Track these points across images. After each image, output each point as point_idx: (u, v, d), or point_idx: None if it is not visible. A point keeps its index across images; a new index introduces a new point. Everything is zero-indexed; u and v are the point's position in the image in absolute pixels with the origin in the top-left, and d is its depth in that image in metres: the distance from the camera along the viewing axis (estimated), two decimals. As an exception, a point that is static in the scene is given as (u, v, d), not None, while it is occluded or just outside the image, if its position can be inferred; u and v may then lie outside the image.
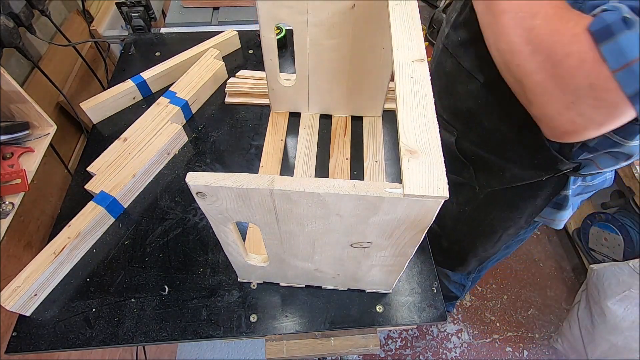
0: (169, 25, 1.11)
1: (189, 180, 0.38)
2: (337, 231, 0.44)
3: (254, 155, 0.80)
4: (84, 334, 0.59)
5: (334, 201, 0.38)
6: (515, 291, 1.59)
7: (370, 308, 0.62)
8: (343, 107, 0.84)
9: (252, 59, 0.99)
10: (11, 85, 0.64)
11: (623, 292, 1.11)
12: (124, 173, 0.72)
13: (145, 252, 0.67)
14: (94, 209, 0.67)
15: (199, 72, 0.88)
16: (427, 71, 0.46)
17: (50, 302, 0.62)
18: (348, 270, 0.56)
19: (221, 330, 0.60)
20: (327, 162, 0.78)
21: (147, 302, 0.62)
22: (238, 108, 0.89)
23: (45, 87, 0.82)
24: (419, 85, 0.45)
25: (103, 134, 0.84)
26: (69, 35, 0.90)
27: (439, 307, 0.63)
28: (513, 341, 1.48)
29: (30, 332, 0.60)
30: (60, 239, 0.63)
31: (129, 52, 1.00)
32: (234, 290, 0.63)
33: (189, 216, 0.72)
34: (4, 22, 0.67)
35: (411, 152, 0.38)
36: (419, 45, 0.48)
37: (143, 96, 0.90)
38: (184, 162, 0.80)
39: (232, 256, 0.55)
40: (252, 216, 0.43)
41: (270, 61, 0.73)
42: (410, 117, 0.41)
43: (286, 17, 0.64)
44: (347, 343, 0.63)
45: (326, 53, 0.71)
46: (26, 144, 0.70)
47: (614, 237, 1.39)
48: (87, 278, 0.65)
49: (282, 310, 0.62)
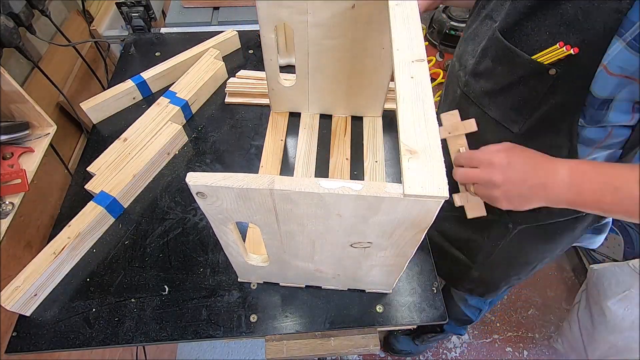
0: (169, 25, 1.11)
1: (189, 180, 0.38)
2: (337, 231, 0.44)
3: (254, 155, 0.80)
4: (84, 334, 0.59)
5: (334, 201, 0.38)
6: (515, 291, 1.59)
7: (370, 308, 0.62)
8: (343, 107, 0.84)
9: (252, 59, 0.99)
10: (11, 85, 0.64)
11: (623, 292, 1.11)
12: (124, 173, 0.72)
13: (145, 252, 0.67)
14: (94, 209, 0.67)
15: (199, 72, 0.88)
16: (427, 71, 0.46)
17: (50, 302, 0.62)
18: (348, 270, 0.56)
19: (221, 330, 0.60)
20: (327, 162, 0.78)
21: (147, 302, 0.62)
22: (238, 108, 0.89)
23: (45, 87, 0.82)
24: (419, 85, 0.44)
25: (103, 134, 0.84)
26: (69, 35, 0.90)
27: (439, 307, 0.63)
28: (513, 341, 1.48)
29: (30, 332, 0.59)
30: (60, 239, 0.63)
31: (129, 52, 1.00)
32: (234, 290, 0.63)
33: (189, 216, 0.72)
34: (4, 22, 0.67)
35: (411, 152, 0.38)
36: (419, 45, 0.48)
37: (143, 96, 0.90)
38: (184, 162, 0.80)
39: (232, 256, 0.55)
40: (252, 216, 0.43)
41: (270, 61, 0.73)
42: (410, 117, 0.41)
43: (286, 17, 0.64)
44: (347, 343, 0.63)
45: (326, 53, 0.71)
46: (26, 144, 0.70)
47: (613, 237, 1.39)
48: (87, 278, 0.65)
49: (282, 310, 0.62)
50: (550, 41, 0.51)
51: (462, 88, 0.68)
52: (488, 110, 0.64)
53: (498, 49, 0.58)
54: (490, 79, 0.61)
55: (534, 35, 0.53)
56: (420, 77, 0.45)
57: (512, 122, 0.61)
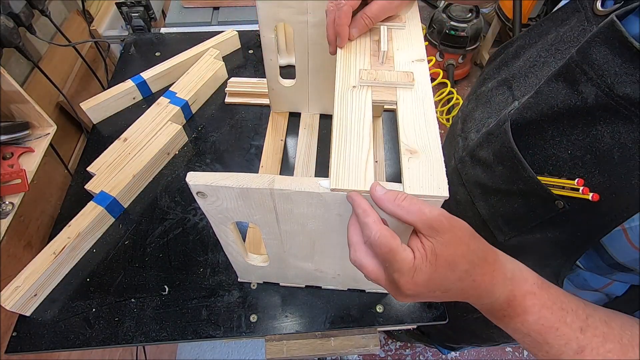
0: (169, 25, 1.11)
1: (189, 180, 0.38)
2: (338, 231, 0.44)
3: (254, 155, 0.80)
4: (84, 334, 0.59)
5: (334, 201, 0.38)
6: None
7: (370, 308, 0.62)
8: (343, 107, 0.84)
9: (252, 59, 0.99)
10: (11, 85, 0.64)
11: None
12: (124, 173, 0.72)
13: (145, 252, 0.67)
14: (94, 209, 0.67)
15: (199, 72, 0.88)
16: (427, 71, 0.46)
17: (50, 302, 0.62)
18: (348, 270, 0.56)
19: (221, 330, 0.60)
20: (327, 162, 0.78)
21: (147, 302, 0.62)
22: (238, 108, 0.89)
23: (45, 87, 0.82)
24: (419, 86, 0.45)
25: (103, 134, 0.84)
26: (69, 35, 0.90)
27: (439, 307, 0.62)
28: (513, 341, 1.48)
29: (30, 332, 0.59)
30: (60, 239, 0.63)
31: (129, 52, 1.00)
32: (234, 290, 0.63)
33: (189, 216, 0.72)
34: (4, 22, 0.67)
35: (411, 152, 0.38)
36: (419, 45, 0.48)
37: (143, 96, 0.90)
38: (184, 162, 0.80)
39: (232, 256, 0.55)
40: (252, 216, 0.43)
41: (270, 61, 0.73)
42: (410, 117, 0.41)
43: (286, 17, 0.64)
44: (347, 343, 0.63)
45: (326, 53, 0.71)
46: (26, 144, 0.70)
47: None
48: (87, 278, 0.65)
49: (282, 310, 0.62)
50: (570, 165, 0.40)
51: (457, 162, 0.60)
52: (477, 204, 0.55)
53: (503, 146, 0.47)
54: (487, 173, 0.52)
55: (553, 146, 0.41)
56: (420, 77, 0.45)
57: (499, 231, 0.52)
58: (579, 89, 0.38)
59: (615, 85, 0.35)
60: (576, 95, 0.38)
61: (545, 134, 0.42)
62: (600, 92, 0.36)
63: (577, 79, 0.38)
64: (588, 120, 0.38)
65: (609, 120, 0.36)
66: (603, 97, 0.36)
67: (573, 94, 0.38)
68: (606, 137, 0.36)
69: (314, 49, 0.70)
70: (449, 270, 0.32)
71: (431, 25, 1.99)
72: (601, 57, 0.35)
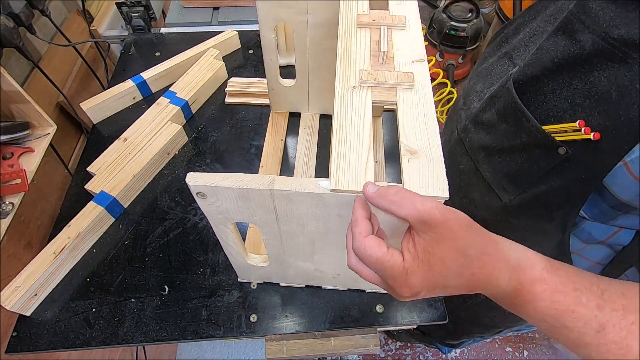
0: (169, 25, 1.11)
1: (189, 180, 0.38)
2: (337, 231, 0.44)
3: (254, 155, 0.80)
4: (84, 334, 0.59)
5: (334, 201, 0.38)
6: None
7: (370, 308, 0.62)
8: (343, 107, 0.84)
9: (252, 59, 0.99)
10: (11, 85, 0.64)
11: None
12: (124, 173, 0.72)
13: (145, 252, 0.67)
14: (94, 209, 0.67)
15: (199, 72, 0.88)
16: (427, 71, 0.46)
17: (50, 302, 0.62)
18: (348, 270, 0.56)
19: (221, 330, 0.60)
20: (327, 162, 0.78)
21: (147, 302, 0.62)
22: (238, 108, 0.89)
23: (45, 87, 0.82)
24: (419, 86, 0.45)
25: (103, 134, 0.84)
26: (69, 35, 0.90)
27: (438, 307, 0.63)
28: (513, 341, 1.48)
29: (30, 332, 0.60)
30: (60, 239, 0.63)
31: (129, 52, 1.00)
32: (234, 290, 0.63)
33: (189, 216, 0.72)
34: (4, 22, 0.67)
35: (411, 152, 0.38)
36: (419, 46, 0.48)
37: (143, 96, 0.90)
38: (184, 162, 0.80)
39: (232, 256, 0.55)
40: (252, 216, 0.43)
41: (270, 61, 0.73)
42: (410, 117, 0.41)
43: (286, 17, 0.64)
44: (347, 343, 0.63)
45: (326, 53, 0.71)
46: (26, 144, 0.70)
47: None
48: (87, 278, 0.65)
49: (282, 310, 0.62)
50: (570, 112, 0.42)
51: (460, 132, 0.61)
52: (481, 168, 0.56)
53: (507, 103, 0.49)
54: (491, 134, 0.53)
55: (553, 99, 0.44)
56: (420, 77, 0.45)
57: (503, 191, 0.53)
58: (577, 37, 0.40)
59: (610, 29, 0.37)
60: (575, 44, 0.40)
61: (546, 88, 0.44)
62: (596, 38, 0.38)
63: (575, 29, 0.40)
64: (586, 68, 0.40)
65: (605, 65, 0.38)
66: (599, 42, 0.38)
67: (572, 43, 0.41)
68: (603, 81, 0.39)
69: (314, 49, 0.70)
70: (444, 267, 0.32)
71: (431, 25, 1.99)
72: (597, 5, 0.38)
